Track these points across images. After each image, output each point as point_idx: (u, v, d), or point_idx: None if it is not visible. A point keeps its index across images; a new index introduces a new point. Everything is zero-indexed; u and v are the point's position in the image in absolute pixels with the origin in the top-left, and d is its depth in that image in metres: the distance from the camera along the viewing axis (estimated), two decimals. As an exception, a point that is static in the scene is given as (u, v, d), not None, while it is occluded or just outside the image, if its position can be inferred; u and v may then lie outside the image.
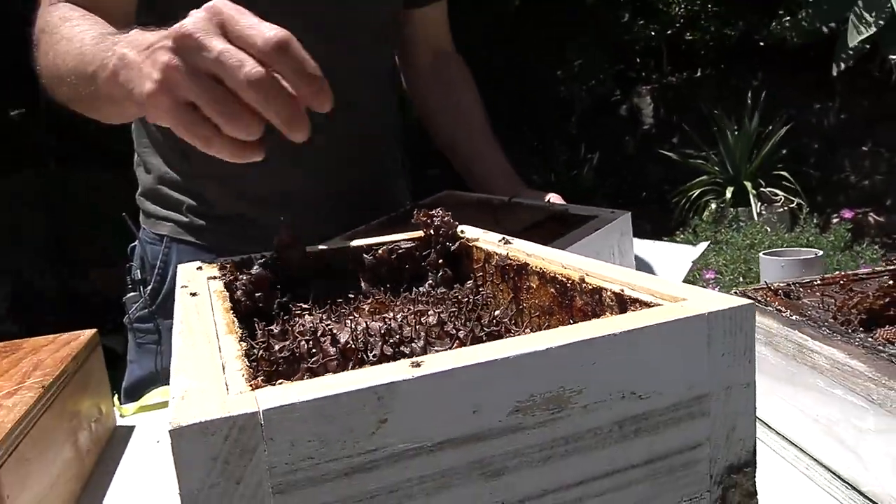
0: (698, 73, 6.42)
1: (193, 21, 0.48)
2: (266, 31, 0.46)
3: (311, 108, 0.48)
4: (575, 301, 0.41)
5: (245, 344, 0.35)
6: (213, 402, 0.25)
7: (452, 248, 0.56)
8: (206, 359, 0.31)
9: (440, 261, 0.56)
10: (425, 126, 1.22)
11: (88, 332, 0.86)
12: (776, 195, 4.76)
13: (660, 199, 5.89)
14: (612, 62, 6.26)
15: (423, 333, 0.35)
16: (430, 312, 0.40)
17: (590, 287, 0.39)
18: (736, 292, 0.77)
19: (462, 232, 0.58)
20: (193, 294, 0.44)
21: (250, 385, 0.27)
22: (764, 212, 4.55)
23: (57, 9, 0.80)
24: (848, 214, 3.60)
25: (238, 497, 0.24)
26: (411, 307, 0.43)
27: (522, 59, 6.62)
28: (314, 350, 0.36)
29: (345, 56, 0.96)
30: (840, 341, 0.60)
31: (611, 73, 6.23)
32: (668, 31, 5.14)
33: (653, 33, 5.39)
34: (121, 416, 0.89)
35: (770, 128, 4.93)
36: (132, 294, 1.07)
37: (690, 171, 5.18)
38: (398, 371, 0.27)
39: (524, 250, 0.49)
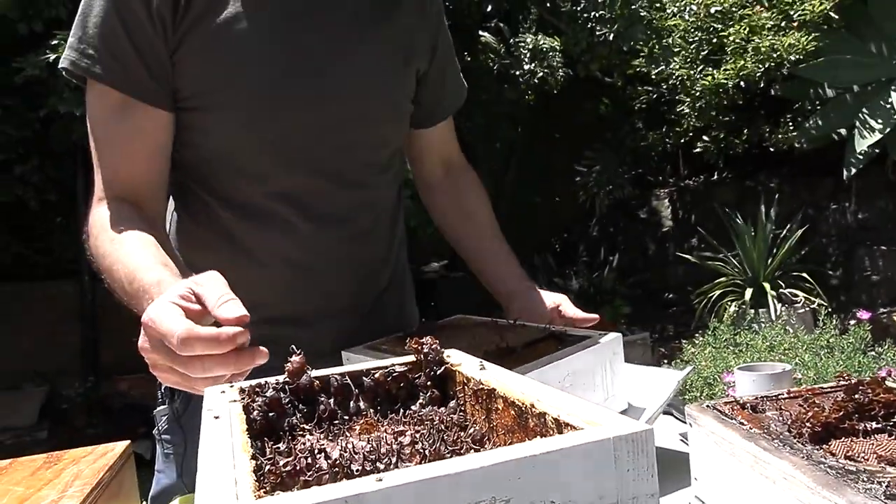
0: (714, 177, 6.60)
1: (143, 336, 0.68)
2: (175, 331, 0.63)
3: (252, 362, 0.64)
4: (528, 422, 0.50)
5: (255, 461, 0.44)
6: (226, 509, 0.34)
7: (439, 371, 0.65)
8: (223, 474, 0.40)
9: (428, 383, 0.65)
10: (441, 232, 1.32)
11: (122, 445, 0.95)
12: (796, 296, 4.78)
13: (681, 301, 5.93)
14: (629, 167, 6.48)
15: (397, 451, 0.44)
16: (407, 433, 0.48)
17: (537, 411, 0.48)
18: (707, 405, 0.84)
19: (448, 357, 0.67)
20: (216, 417, 0.53)
21: (255, 495, 0.36)
22: (785, 314, 4.56)
23: (104, 213, 0.94)
24: (865, 315, 3.61)
25: (242, 582, 0.33)
26: (393, 427, 0.52)
27: (542, 166, 6.87)
28: (311, 465, 0.45)
29: (352, 194, 1.09)
30: (788, 454, 0.66)
31: (628, 177, 6.44)
32: (682, 140, 5.35)
33: (667, 141, 5.60)
34: (149, 523, 0.97)
35: (787, 229, 5.02)
36: (161, 408, 1.16)
37: (710, 272, 5.24)
38: (365, 485, 0.36)
39: (495, 377, 0.58)
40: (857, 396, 0.77)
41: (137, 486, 0.97)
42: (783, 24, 4.34)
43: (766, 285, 4.79)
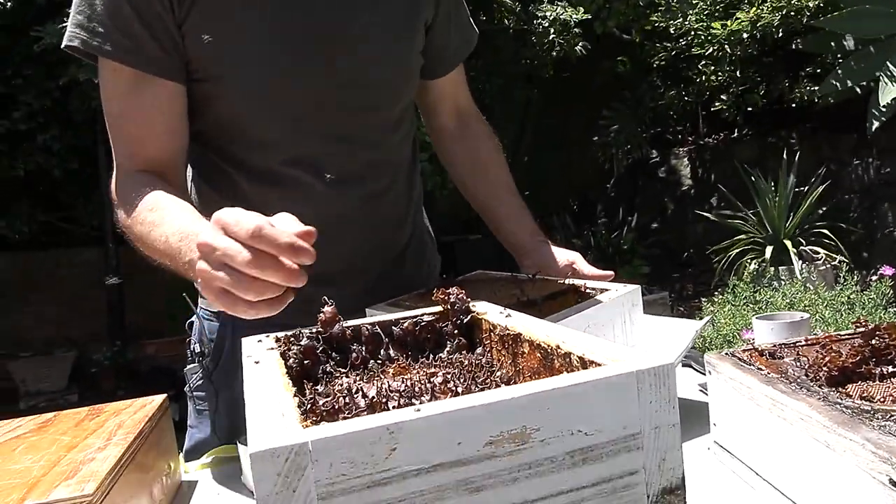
0: (735, 134, 6.52)
1: (206, 233, 0.67)
2: (245, 226, 0.63)
3: (301, 264, 0.64)
4: (554, 363, 0.52)
5: (297, 399, 0.47)
6: (278, 436, 0.37)
7: (465, 320, 0.68)
8: (270, 409, 0.43)
9: (455, 331, 0.68)
10: (455, 183, 1.33)
11: (160, 398, 0.99)
12: (817, 253, 4.75)
13: (701, 260, 5.92)
14: (647, 126, 6.42)
15: (430, 389, 0.47)
16: (439, 374, 0.51)
17: (563, 352, 0.51)
18: (726, 353, 0.86)
19: (474, 306, 0.70)
20: (257, 362, 0.56)
21: (303, 425, 0.39)
22: (805, 271, 4.54)
23: (133, 182, 0.96)
24: (889, 271, 3.60)
25: (294, 501, 0.36)
26: (425, 370, 0.55)
27: (559, 127, 6.82)
28: (349, 404, 0.48)
29: (367, 154, 1.10)
30: (805, 395, 0.69)
31: (646, 137, 6.38)
32: (701, 97, 5.27)
33: (685, 98, 5.53)
34: (185, 472, 1.01)
35: (809, 185, 4.96)
36: (192, 366, 1.19)
37: (730, 231, 5.21)
38: (404, 414, 0.38)
39: (520, 322, 0.61)
40: (873, 342, 0.79)
41: (175, 438, 1.01)
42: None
43: (788, 242, 4.76)
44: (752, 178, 5.05)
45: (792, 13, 4.12)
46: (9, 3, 4.26)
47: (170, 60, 0.96)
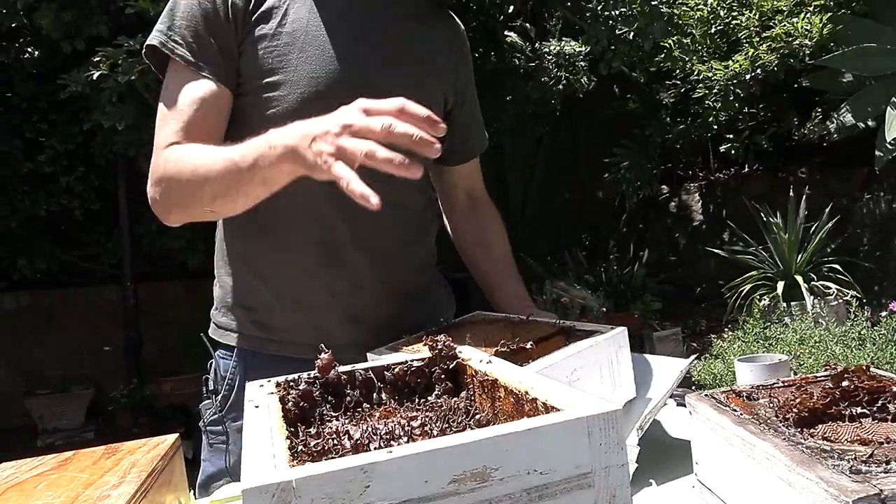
0: (745, 169, 6.57)
1: (345, 113, 0.85)
2: (392, 105, 0.82)
3: (435, 134, 0.81)
4: (524, 407, 0.58)
5: (290, 441, 0.52)
6: (266, 475, 0.43)
7: (451, 365, 0.73)
8: (263, 450, 0.48)
9: (443, 376, 0.73)
10: (458, 250, 1.47)
11: (172, 437, 1.05)
12: (829, 289, 4.75)
13: (713, 296, 5.92)
14: (657, 163, 6.48)
15: (409, 432, 0.52)
16: (419, 417, 0.57)
17: (530, 397, 0.56)
18: (705, 394, 0.91)
19: (460, 352, 0.75)
20: (257, 406, 0.62)
21: (290, 465, 0.44)
22: (818, 306, 4.54)
23: (176, 147, 1.09)
24: (897, 307, 3.59)
25: (280, 532, 0.41)
26: (408, 413, 0.60)
27: (570, 163, 6.90)
28: (335, 445, 0.53)
29: (381, 186, 1.18)
30: (771, 436, 0.73)
31: (656, 173, 6.43)
32: (708, 135, 5.34)
33: (693, 136, 5.60)
34: (196, 507, 1.06)
35: (819, 221, 4.98)
36: (206, 402, 1.26)
37: (742, 266, 5.23)
38: (378, 455, 0.44)
39: (498, 369, 0.66)
40: (843, 384, 0.83)
41: (186, 474, 1.07)
42: (797, 9, 4.31)
43: (799, 278, 4.76)
44: (762, 214, 5.08)
45: (788, 53, 4.19)
46: (36, 53, 4.44)
47: (227, 69, 1.13)
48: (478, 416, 0.64)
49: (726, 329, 4.57)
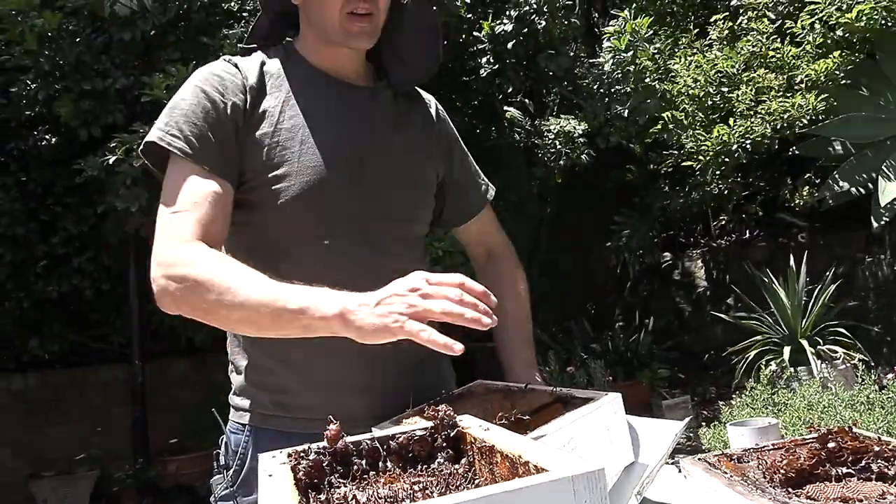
0: (746, 235, 6.65)
1: (410, 280, 0.92)
2: (452, 277, 0.90)
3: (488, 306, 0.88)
4: (518, 470, 0.62)
5: (302, 506, 0.57)
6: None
7: (452, 433, 0.78)
8: (278, 514, 0.53)
9: (444, 444, 0.78)
10: None
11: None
12: (835, 352, 4.74)
13: (721, 362, 5.89)
14: (659, 230, 6.57)
15: (410, 496, 0.57)
16: (421, 483, 0.61)
17: (523, 461, 0.61)
18: (698, 458, 0.94)
19: (460, 421, 0.80)
20: (270, 475, 0.66)
21: (302, 526, 0.49)
22: (825, 370, 4.52)
23: (205, 249, 1.11)
24: (903, 370, 3.59)
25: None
26: (411, 479, 0.65)
27: (573, 234, 7.00)
28: (344, 509, 0.58)
29: (384, 259, 1.25)
30: (758, 497, 0.76)
31: (658, 240, 6.51)
32: (705, 206, 5.44)
33: (692, 206, 5.71)
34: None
35: (821, 285, 5.01)
36: (217, 476, 1.29)
37: (748, 332, 5.23)
38: (382, 515, 0.49)
39: (495, 436, 0.71)
40: (829, 445, 0.87)
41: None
42: (788, 87, 4.47)
43: (805, 342, 4.76)
44: (765, 280, 5.12)
45: (785, 125, 4.33)
46: (54, 140, 4.62)
47: (227, 164, 1.17)
48: (476, 481, 0.68)
49: (734, 395, 4.55)
